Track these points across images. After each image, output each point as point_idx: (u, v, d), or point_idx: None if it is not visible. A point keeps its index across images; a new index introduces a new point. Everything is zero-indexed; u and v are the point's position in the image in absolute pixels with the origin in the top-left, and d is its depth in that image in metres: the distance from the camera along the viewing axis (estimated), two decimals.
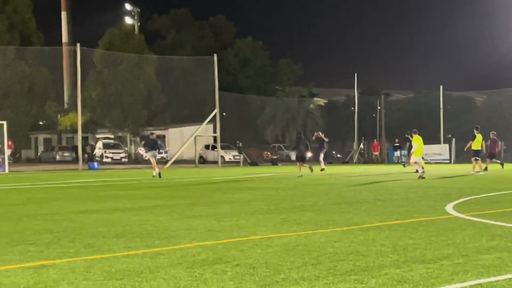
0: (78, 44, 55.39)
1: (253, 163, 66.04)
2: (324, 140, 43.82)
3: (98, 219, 14.09)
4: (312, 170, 38.05)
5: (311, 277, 7.54)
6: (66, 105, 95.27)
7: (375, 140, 77.18)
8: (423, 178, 30.89)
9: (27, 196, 22.24)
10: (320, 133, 45.80)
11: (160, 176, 35.72)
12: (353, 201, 18.30)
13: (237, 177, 35.49)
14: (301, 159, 37.33)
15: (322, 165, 42.25)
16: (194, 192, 23.83)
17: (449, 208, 15.73)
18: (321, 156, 43.12)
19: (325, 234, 11.34)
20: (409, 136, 39.15)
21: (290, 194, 21.97)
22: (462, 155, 58.88)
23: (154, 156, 37.37)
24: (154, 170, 36.74)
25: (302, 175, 35.16)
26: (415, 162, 33.03)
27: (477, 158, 37.35)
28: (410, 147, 36.33)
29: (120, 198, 20.40)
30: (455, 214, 14.43)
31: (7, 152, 51.50)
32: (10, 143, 51.79)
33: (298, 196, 20.59)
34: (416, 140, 32.91)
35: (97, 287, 7.18)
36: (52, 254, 9.41)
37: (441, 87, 70.45)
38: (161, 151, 40.43)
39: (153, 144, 37.68)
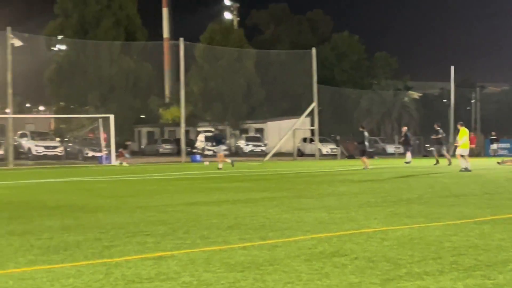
0: (181, 39, 55.70)
1: (350, 156, 65.47)
2: (408, 136, 43.45)
3: (210, 211, 14.04)
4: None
5: (434, 272, 7.26)
6: (167, 99, 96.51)
7: (471, 133, 75.56)
8: (469, 171, 30.13)
9: (137, 188, 22.45)
10: (405, 128, 45.44)
11: (233, 165, 37.81)
12: (460, 194, 17.87)
13: (337, 170, 35.18)
14: (363, 153, 36.78)
15: (408, 159, 41.96)
16: (298, 184, 23.66)
17: None
18: (408, 152, 42.75)
19: (438, 227, 11.01)
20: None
21: (394, 187, 21.61)
22: None
23: (222, 150, 38.13)
24: (221, 163, 37.94)
25: (367, 168, 34.73)
26: (461, 155, 31.85)
27: None
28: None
29: (227, 190, 20.38)
30: None
31: (104, 144, 52.35)
32: (105, 135, 52.62)
33: (403, 189, 20.21)
34: (463, 133, 31.86)
35: (219, 279, 7.06)
36: (169, 245, 9.36)
37: None
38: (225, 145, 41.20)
39: (221, 139, 39.29)
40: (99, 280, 7.07)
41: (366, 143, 36.98)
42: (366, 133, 37.16)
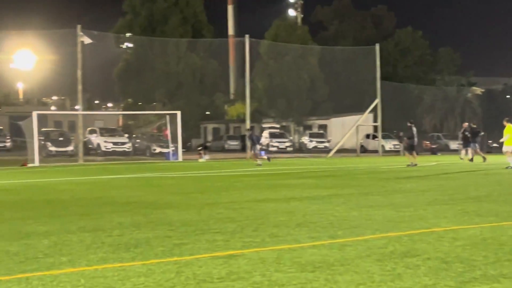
0: (247, 36, 55.60)
1: None
2: (467, 132, 42.66)
3: (277, 208, 13.89)
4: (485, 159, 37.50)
5: (511, 275, 7.00)
6: (231, 96, 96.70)
7: None
8: None
9: (205, 185, 22.39)
10: (466, 124, 44.69)
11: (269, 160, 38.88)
12: None
13: (401, 167, 34.72)
14: (411, 148, 36.07)
15: (470, 155, 41.23)
16: (363, 181, 23.39)
17: None
18: (468, 149, 42.01)
19: (510, 227, 10.71)
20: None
21: (460, 184, 21.20)
22: None
23: (258, 150, 39.09)
24: (259, 160, 38.21)
25: (413, 164, 34.05)
26: (507, 152, 31.04)
27: None
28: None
29: (294, 187, 20.18)
30: None
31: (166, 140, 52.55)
32: (167, 132, 52.85)
33: (470, 186, 19.82)
34: (509, 130, 30.99)
35: (290, 280, 6.91)
36: (238, 244, 9.25)
37: None
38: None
39: (258, 137, 40.11)
40: (170, 279, 6.99)
41: (415, 139, 36.35)
42: (414, 129, 36.47)
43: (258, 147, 39.99)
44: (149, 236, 10.10)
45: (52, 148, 54.07)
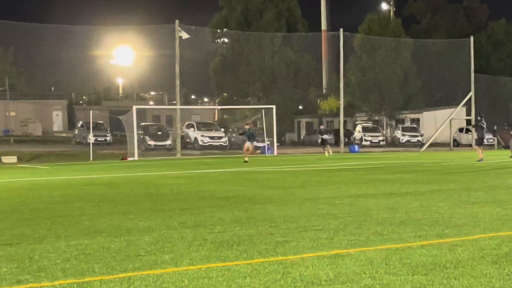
0: (341, 30, 54.89)
1: (506, 146, 62.83)
2: None
3: (378, 204, 13.39)
4: None
5: None
6: (324, 90, 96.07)
7: None
8: None
9: (303, 179, 21.91)
10: None
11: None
12: None
13: (497, 161, 33.63)
14: (480, 142, 34.66)
15: None
16: (462, 176, 22.60)
17: None
18: None
19: None
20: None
21: None
22: None
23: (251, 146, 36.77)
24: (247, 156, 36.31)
25: (482, 160, 32.72)
26: None
27: None
28: None
29: (392, 182, 19.60)
30: None
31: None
32: (251, 125, 52.71)
33: None
34: None
35: (403, 284, 6.44)
36: (343, 242, 8.84)
37: None
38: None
39: (253, 134, 37.62)
40: (277, 281, 6.63)
41: (485, 133, 35.14)
42: (484, 122, 35.19)
43: (255, 143, 38.76)
44: (251, 233, 9.78)
45: (151, 142, 54.51)
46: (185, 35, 47.78)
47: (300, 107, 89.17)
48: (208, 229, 10.19)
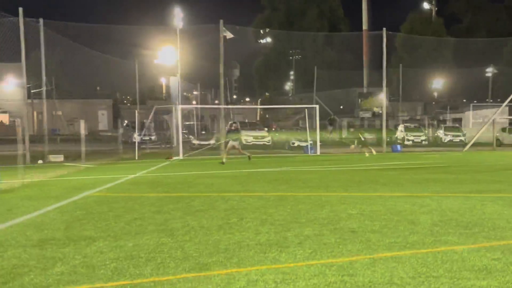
0: (384, 29, 54.46)
1: None
2: None
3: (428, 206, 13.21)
4: None
5: None
6: (365, 90, 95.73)
7: None
8: None
9: (356, 179, 21.68)
10: None
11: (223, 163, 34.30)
12: None
13: None
14: None
15: None
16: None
17: None
18: None
19: None
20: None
21: None
22: None
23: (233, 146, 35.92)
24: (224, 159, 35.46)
25: None
26: None
27: None
28: None
29: (441, 182, 19.32)
30: None
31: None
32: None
33: None
34: None
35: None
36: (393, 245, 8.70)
37: None
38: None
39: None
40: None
41: None
42: None
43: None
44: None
45: (195, 142, 54.65)
46: (229, 35, 47.80)
47: (341, 107, 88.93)
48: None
